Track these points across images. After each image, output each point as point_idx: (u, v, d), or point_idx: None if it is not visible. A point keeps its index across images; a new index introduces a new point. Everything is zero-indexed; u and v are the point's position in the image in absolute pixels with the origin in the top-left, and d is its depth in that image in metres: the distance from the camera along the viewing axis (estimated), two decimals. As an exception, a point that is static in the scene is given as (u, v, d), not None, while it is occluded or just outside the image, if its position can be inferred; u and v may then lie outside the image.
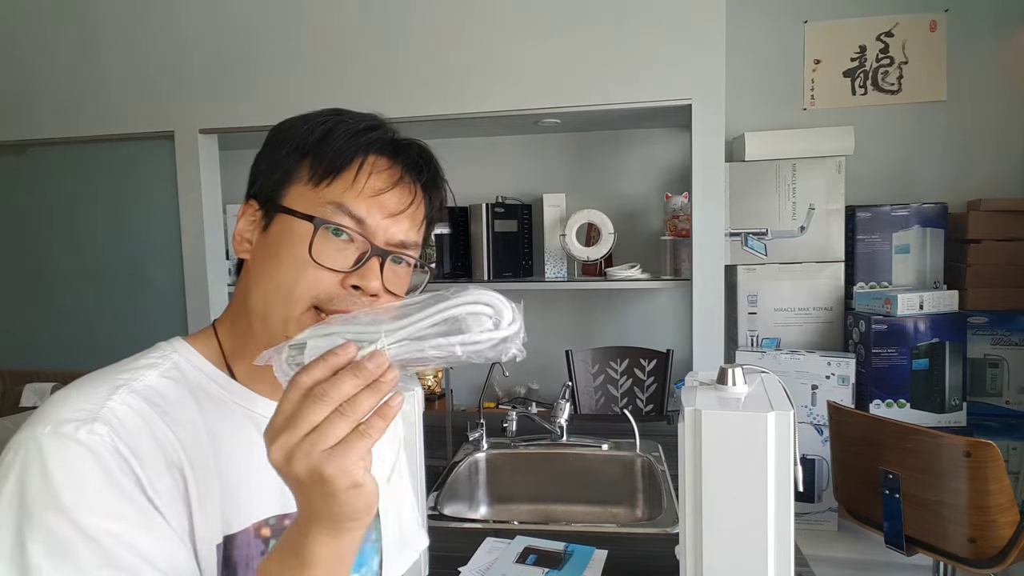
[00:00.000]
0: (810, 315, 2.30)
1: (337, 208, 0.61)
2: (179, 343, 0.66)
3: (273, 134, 0.67)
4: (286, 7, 2.30)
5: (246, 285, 0.65)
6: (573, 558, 1.18)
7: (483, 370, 1.88)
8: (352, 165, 0.63)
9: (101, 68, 2.44)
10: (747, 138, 2.30)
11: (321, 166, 0.62)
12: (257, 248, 0.65)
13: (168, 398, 0.60)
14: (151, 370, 0.61)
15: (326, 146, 0.63)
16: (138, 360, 0.63)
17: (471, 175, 2.74)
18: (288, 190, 0.64)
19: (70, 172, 2.55)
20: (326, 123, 0.64)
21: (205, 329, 0.69)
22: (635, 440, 1.66)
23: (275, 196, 0.64)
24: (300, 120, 0.66)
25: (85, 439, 0.53)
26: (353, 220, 0.62)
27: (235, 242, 0.67)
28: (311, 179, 0.63)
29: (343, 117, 0.65)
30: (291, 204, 0.63)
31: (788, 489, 0.70)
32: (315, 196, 0.62)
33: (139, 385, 0.59)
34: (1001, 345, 2.26)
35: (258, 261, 0.64)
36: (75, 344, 2.58)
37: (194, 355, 0.65)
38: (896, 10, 2.44)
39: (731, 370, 0.78)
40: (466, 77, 2.23)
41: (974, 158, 2.43)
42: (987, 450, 1.40)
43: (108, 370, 0.61)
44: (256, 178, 0.67)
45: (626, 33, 2.14)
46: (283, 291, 0.61)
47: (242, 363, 0.66)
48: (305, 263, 0.60)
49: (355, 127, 0.64)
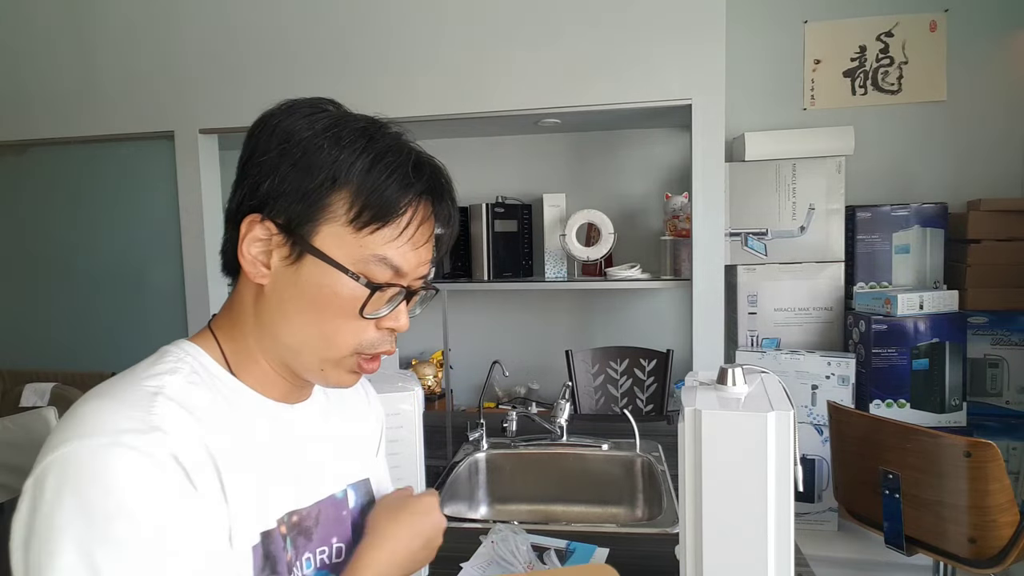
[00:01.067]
0: (810, 315, 2.30)
1: (380, 260, 0.61)
2: (190, 346, 0.64)
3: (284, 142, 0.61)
4: (286, 7, 2.30)
5: (265, 313, 0.63)
6: (575, 556, 1.18)
7: (483, 370, 1.88)
8: (402, 217, 0.61)
9: (101, 68, 2.44)
10: (747, 138, 2.30)
11: (367, 211, 0.60)
12: (283, 282, 0.62)
13: (199, 402, 0.59)
14: (175, 375, 0.60)
15: (372, 187, 0.60)
16: (156, 366, 0.61)
17: (471, 175, 2.74)
18: (320, 228, 0.60)
19: (70, 172, 2.55)
20: (364, 151, 0.61)
21: (204, 332, 0.67)
22: (635, 440, 1.66)
23: (305, 231, 0.60)
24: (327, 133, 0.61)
25: (148, 449, 0.52)
26: (392, 270, 0.62)
27: (246, 262, 0.62)
28: (351, 222, 0.60)
29: (380, 143, 0.62)
30: (327, 247, 0.60)
31: (788, 489, 0.70)
32: (355, 243, 0.60)
33: (172, 392, 0.58)
34: (1001, 345, 2.26)
35: (288, 299, 0.62)
36: (75, 344, 2.59)
37: (205, 358, 0.64)
38: (896, 10, 2.44)
39: (731, 370, 0.78)
40: (466, 77, 2.23)
41: (974, 158, 2.43)
42: (987, 450, 1.40)
43: (128, 379, 0.59)
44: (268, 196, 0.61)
45: (626, 33, 2.14)
46: (325, 338, 0.62)
47: (247, 372, 0.65)
48: (351, 317, 0.62)
49: (403, 167, 0.61)
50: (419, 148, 0.66)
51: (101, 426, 0.53)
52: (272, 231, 0.61)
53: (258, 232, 0.61)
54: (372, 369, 0.66)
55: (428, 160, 0.65)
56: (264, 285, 0.63)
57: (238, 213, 0.63)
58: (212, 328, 0.67)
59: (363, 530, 0.73)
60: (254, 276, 0.62)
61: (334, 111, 0.64)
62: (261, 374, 0.66)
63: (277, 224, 0.61)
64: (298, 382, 0.68)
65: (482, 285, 2.58)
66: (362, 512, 0.76)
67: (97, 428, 0.53)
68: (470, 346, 2.85)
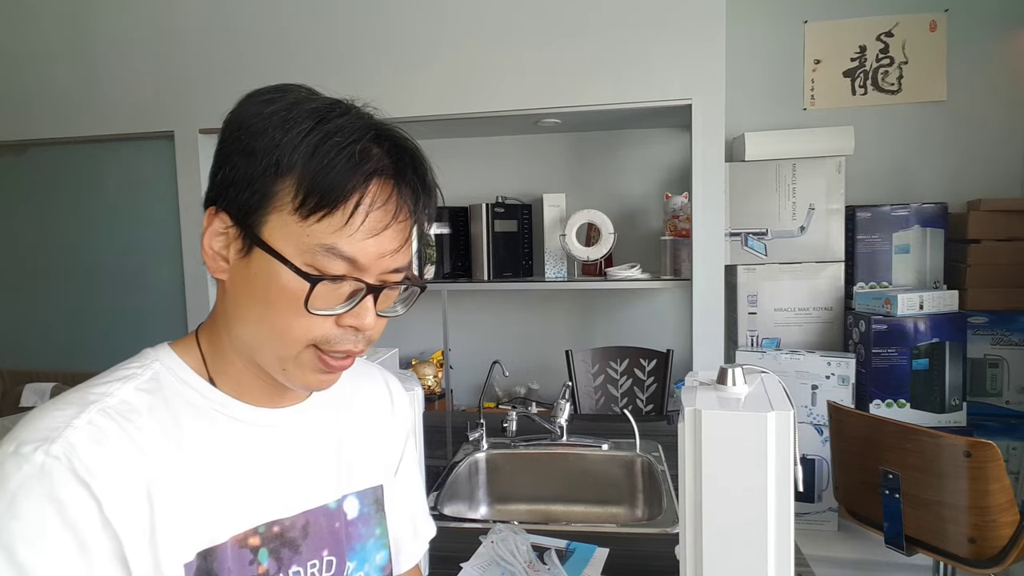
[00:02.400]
0: (810, 315, 2.30)
1: (328, 251, 0.56)
2: (164, 351, 0.63)
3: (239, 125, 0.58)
4: (286, 7, 2.30)
5: (227, 310, 0.61)
6: (575, 555, 1.18)
7: (483, 370, 1.88)
8: (348, 201, 0.55)
9: (101, 68, 2.44)
10: (747, 138, 2.30)
11: (311, 198, 0.55)
12: (237, 275, 0.59)
13: (139, 412, 0.57)
14: (127, 383, 0.58)
15: (316, 172, 0.55)
16: (117, 371, 0.60)
17: (471, 175, 2.74)
18: (268, 218, 0.56)
19: (70, 172, 2.55)
20: (311, 134, 0.56)
21: (188, 336, 0.65)
22: (635, 440, 1.66)
23: (252, 222, 0.57)
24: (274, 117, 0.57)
25: (40, 460, 0.51)
26: (346, 262, 0.57)
27: (207, 257, 0.60)
28: (297, 210, 0.55)
29: (330, 124, 0.56)
30: (273, 239, 0.56)
31: (788, 489, 0.70)
32: (301, 232, 0.56)
33: (112, 401, 0.56)
34: (1001, 345, 2.26)
35: (241, 293, 0.59)
36: (75, 344, 2.59)
37: (177, 363, 0.62)
38: (896, 10, 2.44)
39: (731, 370, 0.78)
40: (466, 77, 2.23)
41: (974, 158, 2.43)
42: (987, 450, 1.40)
43: (86, 384, 0.59)
44: (222, 186, 0.58)
45: (626, 33, 2.14)
46: (276, 334, 0.58)
47: (224, 375, 0.63)
48: (298, 310, 0.57)
49: (349, 146, 0.56)
50: (386, 126, 0.60)
51: (19, 433, 0.53)
52: (227, 223, 0.58)
53: (217, 225, 0.59)
54: (342, 367, 0.62)
55: (390, 136, 0.59)
56: (224, 281, 0.60)
57: (204, 205, 0.61)
58: (197, 331, 0.65)
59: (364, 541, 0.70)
60: (214, 271, 0.60)
61: (296, 96, 0.59)
62: (237, 376, 0.63)
63: (230, 215, 0.58)
64: (278, 386, 0.64)
65: (482, 285, 2.58)
66: (365, 523, 0.72)
67: (16, 435, 0.53)
68: (470, 346, 2.85)
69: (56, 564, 0.50)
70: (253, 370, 0.63)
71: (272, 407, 0.65)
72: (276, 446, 0.65)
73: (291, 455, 0.66)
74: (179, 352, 0.63)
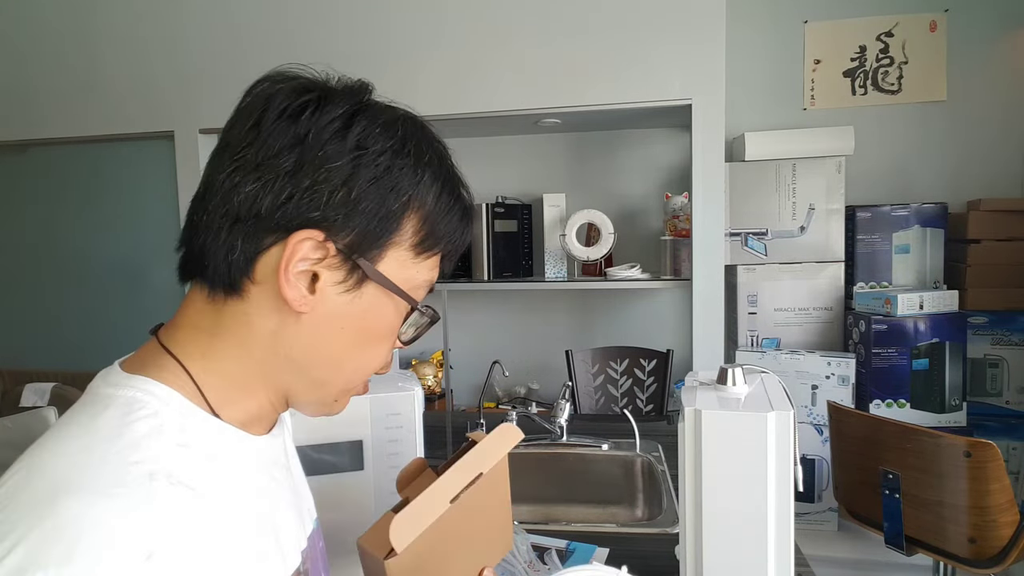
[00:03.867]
0: (810, 315, 2.30)
1: (427, 284, 0.58)
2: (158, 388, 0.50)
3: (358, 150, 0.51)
4: (286, 7, 2.30)
5: (294, 343, 0.53)
6: (575, 555, 1.18)
7: (483, 370, 1.88)
8: (454, 246, 0.59)
9: (101, 68, 2.44)
10: (747, 138, 2.30)
11: (430, 239, 0.55)
12: (332, 310, 0.52)
13: (194, 476, 0.47)
14: (160, 439, 0.47)
15: (441, 215, 0.56)
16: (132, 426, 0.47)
17: (471, 175, 2.67)
18: (387, 252, 0.53)
19: (71, 172, 2.55)
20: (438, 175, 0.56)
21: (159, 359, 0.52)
22: (635, 440, 1.66)
23: (371, 256, 0.52)
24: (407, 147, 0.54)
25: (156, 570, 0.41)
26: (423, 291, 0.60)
27: (288, 286, 0.50)
28: (415, 247, 0.55)
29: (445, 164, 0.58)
30: (390, 272, 0.54)
31: (788, 489, 0.70)
32: (413, 268, 0.55)
33: (167, 467, 0.45)
34: (1001, 345, 2.26)
35: (335, 328, 0.53)
36: (76, 344, 2.59)
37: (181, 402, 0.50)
38: (896, 10, 2.44)
39: (731, 370, 0.78)
40: (466, 77, 2.23)
41: (974, 158, 2.43)
42: (987, 450, 1.40)
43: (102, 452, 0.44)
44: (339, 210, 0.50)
45: (626, 33, 2.14)
46: (362, 366, 0.57)
47: (233, 407, 0.53)
48: (388, 340, 0.58)
49: (463, 197, 0.59)
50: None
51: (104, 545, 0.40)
52: (330, 252, 0.50)
53: (309, 251, 0.50)
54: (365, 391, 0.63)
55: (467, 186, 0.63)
56: (302, 313, 0.51)
57: (278, 218, 0.50)
58: (179, 358, 0.52)
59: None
60: (296, 302, 0.50)
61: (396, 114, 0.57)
62: (254, 409, 0.55)
63: (337, 246, 0.51)
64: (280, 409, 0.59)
65: (482, 285, 2.58)
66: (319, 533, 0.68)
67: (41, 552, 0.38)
68: (470, 346, 2.85)
69: None
70: (276, 403, 0.57)
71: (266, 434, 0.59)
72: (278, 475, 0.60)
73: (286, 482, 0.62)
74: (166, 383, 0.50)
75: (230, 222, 0.51)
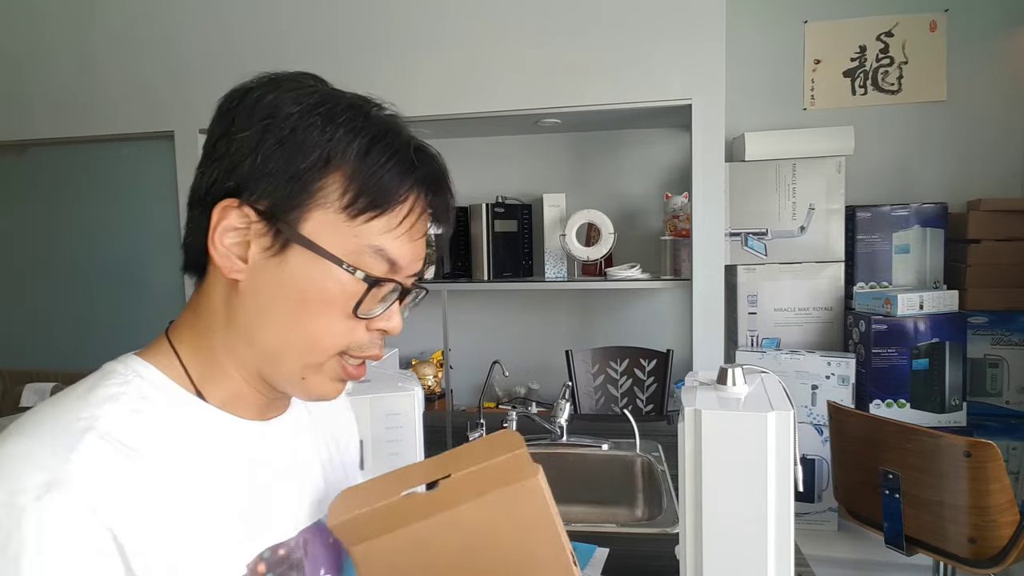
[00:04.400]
0: (810, 315, 2.30)
1: (377, 252, 0.55)
2: (138, 364, 0.55)
3: (268, 118, 0.54)
4: (286, 7, 2.30)
5: (237, 315, 0.56)
6: (575, 555, 1.18)
7: (483, 370, 1.88)
8: (402, 206, 0.55)
9: (101, 68, 2.44)
10: (747, 138, 2.30)
11: (364, 198, 0.54)
12: (263, 277, 0.54)
13: (139, 438, 0.50)
14: (114, 403, 0.51)
15: (371, 172, 0.54)
16: (95, 391, 0.52)
17: (471, 175, 2.74)
18: (311, 214, 0.54)
19: (70, 172, 2.55)
20: (362, 130, 0.55)
21: (159, 344, 0.58)
22: (635, 440, 1.66)
23: (292, 218, 0.53)
24: (318, 109, 0.54)
25: (54, 509, 0.44)
26: (388, 264, 0.56)
27: (218, 255, 0.54)
28: (346, 208, 0.54)
29: (377, 123, 0.56)
30: (318, 236, 0.53)
31: (788, 489, 0.70)
32: (350, 232, 0.54)
33: (106, 426, 0.49)
34: (1001, 345, 2.26)
35: (267, 295, 0.54)
36: (75, 344, 2.59)
37: (158, 377, 0.55)
38: (896, 10, 2.44)
39: (731, 370, 0.78)
40: (466, 77, 2.23)
41: (974, 158, 2.43)
42: (987, 450, 1.40)
43: (60, 405, 0.51)
44: (250, 176, 0.53)
45: (626, 33, 2.14)
46: (309, 340, 0.55)
47: (215, 386, 0.57)
48: (341, 316, 0.55)
49: (403, 150, 0.56)
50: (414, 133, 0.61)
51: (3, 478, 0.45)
52: (252, 218, 0.53)
53: (234, 220, 0.53)
54: (359, 375, 0.60)
55: (427, 146, 0.60)
56: (239, 281, 0.54)
57: (207, 197, 0.55)
58: (170, 339, 0.58)
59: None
60: (228, 271, 0.54)
61: (320, 86, 0.58)
62: (232, 389, 0.57)
63: (258, 210, 0.53)
64: (273, 395, 0.60)
65: (482, 285, 2.58)
66: None
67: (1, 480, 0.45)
68: (470, 346, 2.85)
69: None
70: (252, 382, 0.58)
71: (262, 420, 0.61)
72: (270, 461, 0.60)
73: (283, 470, 0.62)
74: (155, 364, 0.56)
75: (189, 212, 0.58)
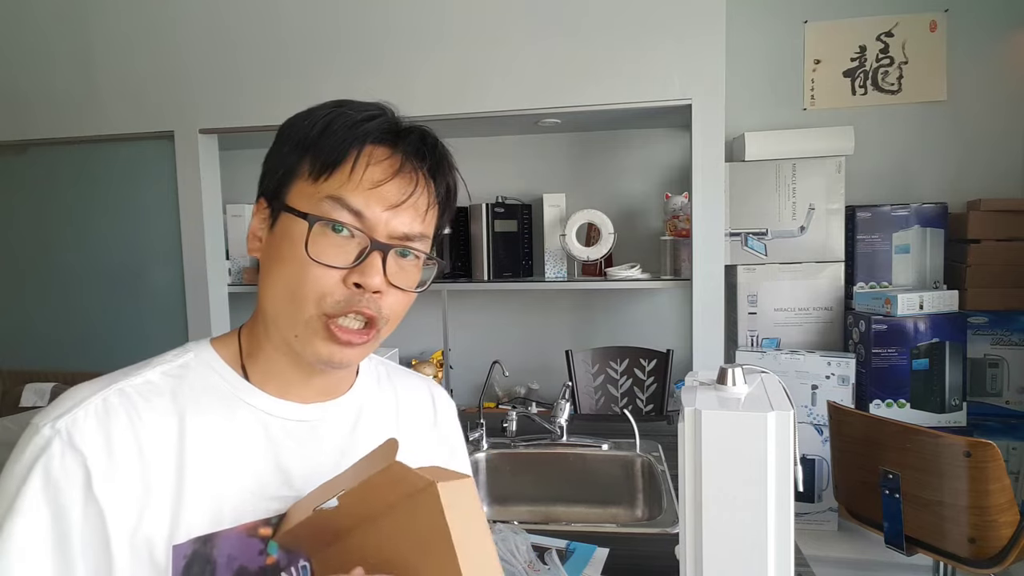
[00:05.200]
0: (810, 315, 2.30)
1: (334, 202, 0.60)
2: (202, 343, 0.68)
3: (281, 131, 0.67)
4: (286, 7, 2.30)
5: (261, 291, 0.66)
6: (575, 555, 1.18)
7: (483, 370, 1.88)
8: (349, 157, 0.61)
9: (101, 68, 2.44)
10: (747, 138, 2.30)
11: (319, 160, 0.62)
12: (265, 247, 0.66)
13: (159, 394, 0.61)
14: (156, 368, 0.64)
15: (324, 140, 0.62)
16: (156, 358, 0.65)
17: (471, 175, 2.70)
18: (291, 188, 0.63)
19: (70, 172, 2.54)
20: (326, 116, 0.63)
21: (231, 332, 0.70)
22: (635, 440, 1.66)
23: (279, 194, 0.64)
24: (304, 115, 0.65)
25: (47, 433, 0.56)
26: (351, 214, 0.61)
27: (248, 240, 0.68)
28: (311, 174, 0.62)
29: (344, 109, 0.64)
30: (293, 201, 0.63)
31: (788, 489, 0.70)
32: (314, 191, 0.61)
33: (136, 382, 0.61)
34: (1001, 345, 2.26)
35: (266, 261, 0.65)
36: (75, 344, 2.58)
37: (211, 354, 0.66)
38: (896, 10, 2.44)
39: (731, 370, 0.78)
40: (466, 77, 2.23)
41: (974, 158, 2.43)
42: (987, 450, 1.40)
43: (129, 368, 0.64)
44: (264, 176, 0.67)
45: (626, 33, 2.14)
46: (287, 292, 0.62)
47: (255, 363, 0.67)
48: (305, 262, 0.60)
49: (354, 118, 0.63)
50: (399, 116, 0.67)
51: (49, 406, 0.59)
52: (264, 206, 0.66)
53: (258, 212, 0.67)
54: (350, 340, 0.62)
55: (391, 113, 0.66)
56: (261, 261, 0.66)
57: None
58: (241, 326, 0.70)
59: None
60: (251, 250, 0.67)
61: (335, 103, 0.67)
62: (270, 367, 0.66)
63: (266, 199, 0.66)
64: (306, 371, 0.66)
65: (482, 285, 2.58)
66: None
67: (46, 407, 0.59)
68: (470, 346, 2.84)
69: (27, 531, 0.54)
70: (286, 358, 0.66)
71: (303, 402, 0.68)
72: (300, 440, 0.66)
73: (314, 450, 0.67)
74: (217, 345, 0.68)
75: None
